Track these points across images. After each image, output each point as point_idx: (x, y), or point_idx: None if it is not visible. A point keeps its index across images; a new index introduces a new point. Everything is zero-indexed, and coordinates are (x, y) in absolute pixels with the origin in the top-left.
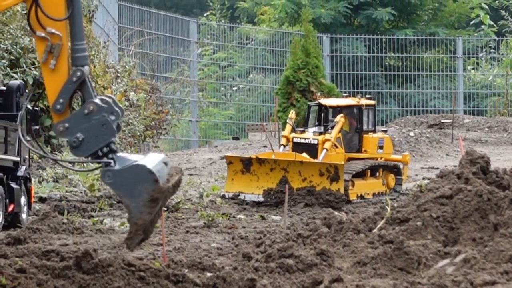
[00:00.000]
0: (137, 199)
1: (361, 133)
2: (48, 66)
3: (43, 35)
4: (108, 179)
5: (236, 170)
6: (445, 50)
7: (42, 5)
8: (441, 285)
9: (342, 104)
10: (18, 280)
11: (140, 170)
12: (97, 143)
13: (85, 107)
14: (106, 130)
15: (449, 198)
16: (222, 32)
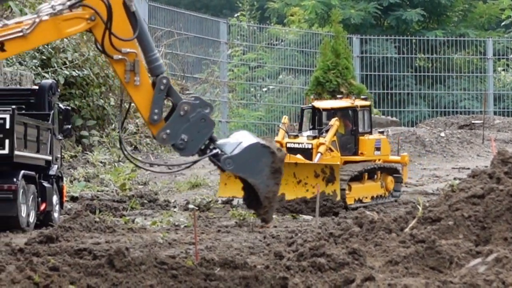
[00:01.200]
0: (261, 175)
1: (357, 135)
2: (133, 84)
3: (120, 57)
4: (229, 166)
5: (229, 174)
6: (475, 51)
7: (114, 34)
8: (473, 284)
9: (336, 106)
10: (51, 278)
11: (255, 148)
12: (201, 138)
13: (180, 109)
14: (205, 123)
15: (481, 197)
16: (252, 33)
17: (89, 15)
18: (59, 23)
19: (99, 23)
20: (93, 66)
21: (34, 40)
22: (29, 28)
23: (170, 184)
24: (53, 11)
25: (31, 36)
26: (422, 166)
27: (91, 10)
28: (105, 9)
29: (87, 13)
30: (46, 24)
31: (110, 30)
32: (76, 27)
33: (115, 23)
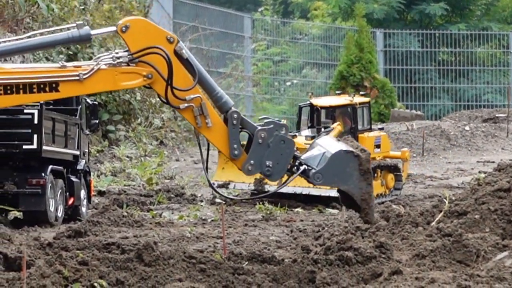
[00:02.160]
0: (352, 180)
1: (356, 133)
2: (206, 127)
3: (186, 105)
4: (318, 180)
5: (226, 159)
6: (498, 45)
7: (175, 87)
8: (500, 278)
9: (334, 104)
10: (80, 272)
11: (339, 156)
12: (286, 160)
13: (257, 138)
14: (286, 144)
15: (507, 191)
16: (276, 27)
17: (147, 73)
18: (117, 74)
19: (158, 79)
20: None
21: (89, 87)
22: (86, 74)
23: (196, 178)
24: (112, 62)
25: (87, 81)
26: (447, 160)
27: (149, 67)
28: (165, 64)
29: (145, 70)
30: (104, 73)
31: (172, 85)
32: (132, 82)
33: (175, 75)
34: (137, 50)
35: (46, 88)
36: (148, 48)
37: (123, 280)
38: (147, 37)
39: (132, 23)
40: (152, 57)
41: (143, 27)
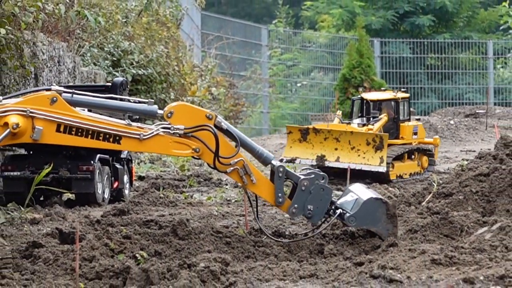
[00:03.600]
0: (380, 223)
1: (398, 122)
2: (251, 183)
3: (232, 168)
4: (352, 223)
5: (295, 139)
6: (477, 51)
7: (220, 156)
8: (481, 249)
9: (381, 98)
10: (124, 245)
11: (370, 202)
12: (325, 205)
13: (301, 186)
14: (325, 191)
15: (487, 175)
16: (288, 37)
17: (195, 147)
18: (170, 142)
19: (205, 151)
20: (156, 66)
21: (146, 147)
22: (147, 135)
23: None
24: (170, 131)
25: (145, 142)
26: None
27: (198, 141)
28: (212, 137)
29: (195, 144)
30: (161, 138)
31: (218, 156)
32: (182, 151)
33: (220, 145)
34: (190, 127)
35: (110, 139)
36: (200, 126)
37: (161, 252)
38: (190, 118)
39: (175, 109)
40: (202, 134)
41: (185, 110)
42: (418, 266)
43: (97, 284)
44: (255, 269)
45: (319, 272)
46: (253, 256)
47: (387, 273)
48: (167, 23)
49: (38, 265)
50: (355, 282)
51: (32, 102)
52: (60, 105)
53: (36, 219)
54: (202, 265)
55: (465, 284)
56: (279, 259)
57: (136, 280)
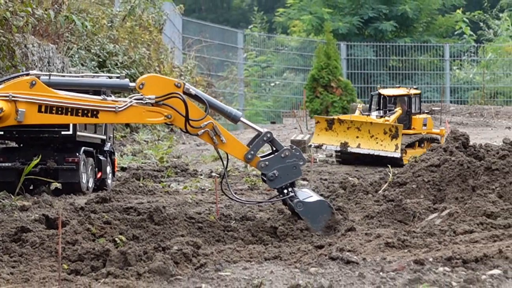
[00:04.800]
0: (317, 225)
1: (410, 115)
2: (222, 143)
3: (203, 131)
4: (299, 207)
5: (321, 128)
6: (435, 54)
7: (191, 119)
8: (431, 233)
9: (396, 94)
10: (105, 230)
11: (323, 204)
12: (286, 180)
13: (282, 152)
14: (295, 171)
15: (438, 166)
16: (262, 41)
17: (168, 113)
18: (144, 112)
19: (177, 116)
20: (139, 66)
21: (121, 118)
22: (121, 107)
23: (198, 157)
24: (142, 102)
25: (120, 113)
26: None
27: (169, 108)
28: (182, 104)
29: (167, 111)
30: (134, 109)
31: (189, 120)
32: (155, 119)
33: (189, 110)
34: (160, 96)
35: (89, 114)
36: (169, 94)
37: (138, 236)
38: (160, 87)
39: (146, 80)
40: (172, 101)
41: (155, 81)
42: (373, 249)
43: (79, 265)
44: (224, 251)
45: (282, 254)
46: (223, 240)
47: (344, 255)
48: (150, 28)
49: (26, 248)
50: (316, 263)
51: (14, 87)
52: (39, 88)
53: (25, 206)
54: (176, 248)
55: (415, 265)
56: (246, 242)
57: (115, 262)
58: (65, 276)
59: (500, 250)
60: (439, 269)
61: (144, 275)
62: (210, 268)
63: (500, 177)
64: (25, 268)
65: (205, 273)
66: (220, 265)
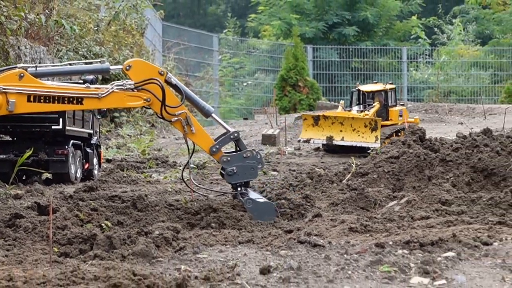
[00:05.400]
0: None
1: (387, 108)
2: (191, 133)
3: (176, 119)
4: (248, 204)
5: (309, 124)
6: (394, 56)
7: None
8: (391, 219)
9: (374, 89)
10: (92, 216)
11: (270, 206)
12: (242, 178)
13: (245, 153)
14: (252, 172)
15: (397, 158)
16: (236, 44)
17: (147, 97)
18: (125, 96)
19: (154, 101)
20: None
21: (105, 103)
22: (103, 94)
23: (177, 150)
24: (123, 87)
25: (103, 99)
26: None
27: (148, 93)
28: (160, 90)
29: (146, 95)
30: (116, 95)
31: (165, 105)
32: (135, 103)
33: (166, 97)
34: (139, 81)
35: (74, 101)
36: (148, 80)
37: (122, 221)
38: (145, 72)
39: (133, 63)
40: (150, 86)
41: (141, 65)
42: (338, 233)
43: (68, 248)
44: (201, 235)
45: (255, 238)
46: (199, 225)
47: (312, 239)
48: (132, 31)
49: (19, 233)
50: (285, 246)
51: (3, 80)
52: (27, 79)
53: (18, 195)
54: (157, 233)
55: (376, 248)
56: (221, 227)
57: (101, 245)
58: (56, 258)
59: (454, 234)
60: (398, 251)
61: (128, 257)
62: (189, 251)
63: (453, 167)
64: (19, 251)
65: (184, 256)
66: (198, 248)
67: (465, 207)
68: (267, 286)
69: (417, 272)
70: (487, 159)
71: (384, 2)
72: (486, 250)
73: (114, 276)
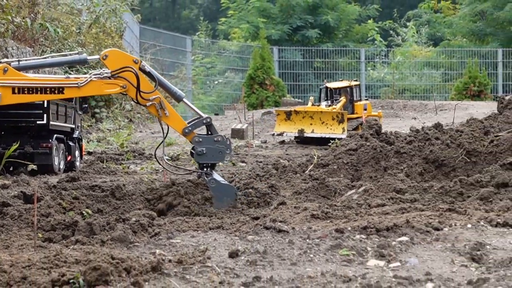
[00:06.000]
0: (220, 204)
1: (353, 102)
2: (165, 116)
3: (151, 103)
4: (212, 183)
5: (281, 119)
6: (353, 57)
7: (142, 91)
8: (349, 207)
9: (340, 86)
10: (74, 204)
11: (231, 188)
12: (210, 159)
13: (216, 137)
14: (220, 155)
15: (355, 150)
16: (207, 45)
17: (123, 84)
18: (102, 84)
19: (130, 88)
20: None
21: (84, 91)
22: (83, 83)
23: (152, 143)
24: (100, 76)
25: (82, 88)
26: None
27: (124, 80)
28: (134, 78)
29: (122, 82)
30: (94, 83)
31: (140, 90)
32: (112, 89)
33: (141, 84)
34: (115, 70)
35: (56, 91)
36: (123, 68)
37: (102, 209)
38: (121, 61)
39: (109, 53)
40: (125, 74)
41: (117, 55)
42: (301, 220)
43: (52, 234)
44: (175, 222)
45: (224, 224)
46: (173, 212)
47: (277, 225)
48: (112, 34)
49: (6, 220)
50: (252, 232)
51: None
52: (11, 73)
53: (6, 185)
54: (134, 219)
55: (336, 233)
56: (194, 214)
57: (82, 231)
58: (40, 244)
59: (408, 221)
60: (356, 236)
61: (107, 242)
62: (163, 236)
63: (407, 159)
64: (6, 237)
65: (159, 241)
66: (172, 234)
67: (417, 195)
68: (235, 269)
69: (374, 255)
70: (438, 151)
71: (344, 7)
72: (437, 235)
73: (94, 260)
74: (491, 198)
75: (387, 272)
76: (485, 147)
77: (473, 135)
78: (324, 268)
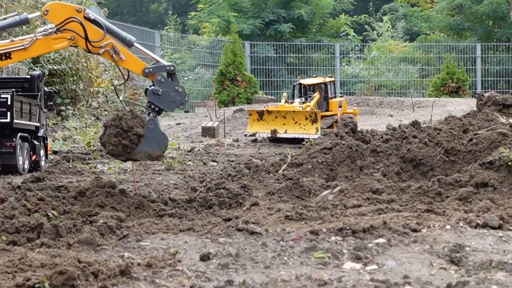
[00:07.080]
0: (147, 147)
1: (327, 99)
2: (122, 60)
3: (103, 50)
4: (150, 124)
5: (254, 119)
6: (327, 52)
7: (91, 40)
8: (324, 207)
9: (314, 82)
10: (39, 206)
11: (165, 137)
12: (159, 102)
13: (179, 87)
14: (171, 104)
15: (330, 149)
16: (177, 40)
17: (70, 36)
18: (49, 41)
19: (78, 38)
20: (68, 62)
21: (32, 52)
22: (28, 43)
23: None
24: (45, 33)
25: (29, 49)
26: None
27: (71, 32)
28: (80, 27)
29: (69, 35)
30: (40, 41)
31: (88, 39)
32: (61, 44)
33: (88, 32)
34: (59, 23)
35: (3, 58)
36: (67, 20)
37: (68, 211)
38: (63, 13)
39: (50, 7)
40: (71, 25)
41: (58, 7)
42: (275, 221)
43: (16, 237)
44: (144, 224)
45: (195, 226)
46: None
47: (249, 227)
48: None
49: None
50: (224, 234)
51: None
52: None
53: None
54: (101, 221)
55: (311, 235)
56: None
57: (48, 234)
58: (4, 247)
59: (385, 222)
60: (331, 238)
61: (74, 245)
62: (132, 239)
63: (384, 158)
64: None
65: (128, 243)
66: (141, 236)
67: (395, 196)
68: (207, 272)
69: (350, 258)
70: (416, 150)
71: (318, 0)
72: (415, 237)
73: (60, 264)
74: (471, 198)
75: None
76: (464, 146)
77: (451, 133)
78: (299, 272)
